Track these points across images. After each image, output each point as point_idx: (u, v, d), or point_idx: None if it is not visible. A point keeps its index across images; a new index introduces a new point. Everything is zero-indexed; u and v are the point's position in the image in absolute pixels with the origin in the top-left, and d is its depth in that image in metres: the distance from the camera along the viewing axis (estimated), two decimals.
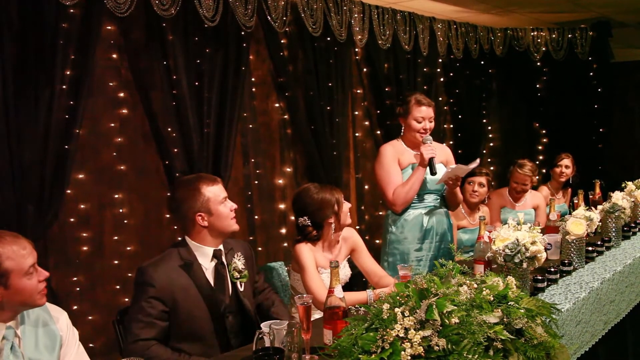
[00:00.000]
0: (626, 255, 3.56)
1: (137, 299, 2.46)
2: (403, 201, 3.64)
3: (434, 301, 1.83)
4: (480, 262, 2.90)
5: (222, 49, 3.97)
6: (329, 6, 4.66)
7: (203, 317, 2.53)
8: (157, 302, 2.44)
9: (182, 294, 2.48)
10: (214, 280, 2.60)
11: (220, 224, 2.59)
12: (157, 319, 2.43)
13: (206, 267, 2.59)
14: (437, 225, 3.76)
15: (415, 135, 3.70)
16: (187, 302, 2.49)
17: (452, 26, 5.99)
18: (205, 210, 2.56)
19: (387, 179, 3.67)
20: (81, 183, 3.49)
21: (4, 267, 1.96)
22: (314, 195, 3.06)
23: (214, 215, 2.57)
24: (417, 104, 3.69)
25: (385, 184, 3.68)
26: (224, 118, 4.00)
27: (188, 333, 2.50)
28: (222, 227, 2.60)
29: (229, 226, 2.63)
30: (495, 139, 7.00)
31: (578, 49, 6.61)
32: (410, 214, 3.72)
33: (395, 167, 3.69)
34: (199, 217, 2.56)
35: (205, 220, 2.56)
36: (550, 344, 2.01)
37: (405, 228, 3.71)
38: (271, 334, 2.08)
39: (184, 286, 2.50)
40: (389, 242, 3.73)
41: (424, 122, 3.68)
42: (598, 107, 6.67)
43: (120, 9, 3.36)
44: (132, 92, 3.71)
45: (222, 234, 2.63)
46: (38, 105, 3.09)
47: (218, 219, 2.58)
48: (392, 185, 3.65)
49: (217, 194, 2.59)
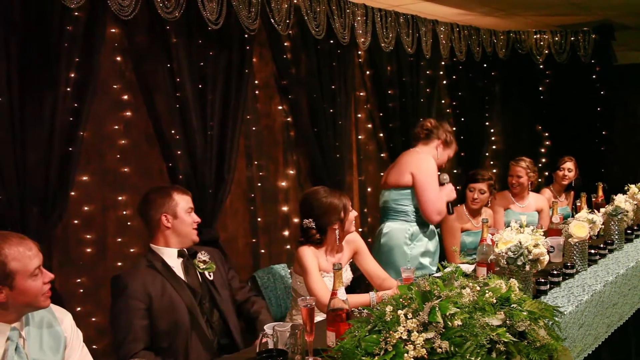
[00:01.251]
0: (629, 258, 3.56)
1: (115, 303, 2.62)
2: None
3: (437, 303, 1.83)
4: (483, 265, 2.91)
5: (225, 51, 3.98)
6: (332, 9, 4.67)
7: (180, 308, 2.64)
8: (135, 301, 2.57)
9: (156, 290, 2.63)
10: (184, 274, 2.76)
11: (182, 228, 2.79)
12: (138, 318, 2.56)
13: (173, 265, 2.76)
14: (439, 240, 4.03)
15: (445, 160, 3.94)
16: (163, 296, 2.63)
17: (454, 29, 5.99)
18: (172, 213, 2.77)
19: (436, 191, 3.76)
20: (85, 185, 3.50)
21: (9, 268, 1.96)
22: (322, 198, 3.06)
23: (178, 219, 2.77)
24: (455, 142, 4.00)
25: (436, 195, 3.76)
26: (227, 120, 4.00)
27: (168, 326, 2.61)
28: (183, 232, 2.79)
29: (190, 233, 2.82)
30: (498, 142, 7.00)
31: (581, 52, 6.61)
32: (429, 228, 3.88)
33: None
34: (164, 217, 2.76)
35: (170, 222, 2.76)
36: (553, 346, 2.01)
37: (423, 242, 3.83)
38: (274, 336, 2.09)
39: (156, 282, 2.65)
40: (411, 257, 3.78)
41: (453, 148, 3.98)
42: (601, 110, 6.66)
43: (125, 11, 3.38)
44: (135, 94, 3.72)
45: (183, 239, 2.80)
46: (42, 108, 3.10)
47: (181, 223, 2.78)
48: (441, 197, 3.77)
49: (186, 202, 2.82)
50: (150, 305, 2.59)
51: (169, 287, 2.65)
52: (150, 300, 2.59)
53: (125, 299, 2.56)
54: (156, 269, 2.68)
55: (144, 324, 2.56)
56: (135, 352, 2.49)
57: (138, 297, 2.57)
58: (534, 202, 4.88)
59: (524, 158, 4.86)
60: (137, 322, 2.54)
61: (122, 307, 2.56)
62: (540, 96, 6.94)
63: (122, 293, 2.58)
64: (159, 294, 2.62)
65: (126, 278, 2.62)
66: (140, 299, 2.57)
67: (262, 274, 3.61)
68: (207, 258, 2.83)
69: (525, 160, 4.81)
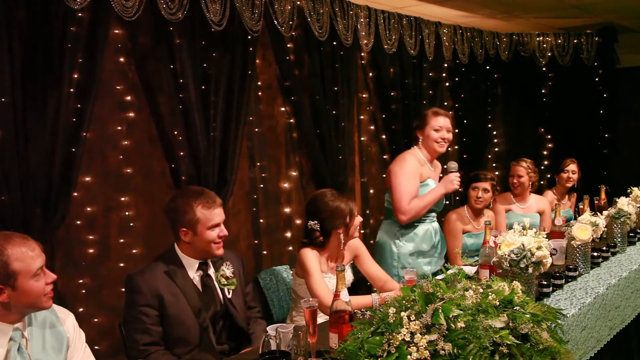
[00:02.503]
0: (632, 261, 3.55)
1: (130, 307, 2.54)
2: (415, 215, 3.68)
3: (440, 305, 1.83)
4: (485, 267, 2.90)
5: (228, 53, 3.98)
6: (335, 11, 4.67)
7: (190, 323, 2.56)
8: (148, 308, 2.51)
9: (170, 300, 2.54)
10: (201, 287, 2.65)
11: (201, 246, 2.61)
12: (152, 324, 2.50)
13: (192, 276, 2.64)
14: (441, 240, 3.89)
15: (433, 146, 3.73)
16: (175, 307, 2.54)
17: (457, 31, 5.99)
18: (191, 229, 2.58)
19: (407, 188, 3.65)
20: (88, 186, 3.51)
21: (11, 268, 1.97)
22: (329, 202, 3.06)
23: (197, 236, 2.59)
24: (434, 114, 3.74)
25: (404, 192, 3.65)
26: (230, 122, 4.00)
27: (177, 338, 2.55)
28: (203, 249, 2.62)
29: (210, 250, 2.63)
30: (500, 144, 6.99)
31: (584, 54, 6.60)
32: (420, 228, 3.77)
33: (416, 179, 3.70)
34: (182, 231, 2.59)
35: (189, 237, 2.59)
36: (556, 349, 2.01)
37: (415, 241, 3.75)
38: (277, 337, 2.09)
39: (171, 292, 2.55)
40: (398, 256, 3.74)
41: (442, 132, 3.71)
42: (603, 113, 6.66)
43: (128, 12, 3.38)
44: (139, 95, 3.73)
45: (202, 253, 2.65)
46: (46, 108, 3.10)
47: (200, 241, 2.60)
48: (409, 195, 3.65)
49: (208, 219, 2.58)
50: (162, 312, 2.53)
51: (183, 300, 2.55)
52: (163, 306, 2.52)
53: (139, 306, 2.51)
54: (173, 279, 2.58)
55: (158, 330, 2.52)
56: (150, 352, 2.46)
57: (151, 304, 2.51)
58: (535, 204, 4.88)
59: (524, 159, 4.88)
60: (151, 327, 2.50)
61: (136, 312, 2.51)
62: (543, 98, 6.94)
63: (136, 299, 2.51)
64: (172, 301, 2.54)
65: (141, 282, 2.53)
66: (153, 306, 2.51)
67: (264, 275, 3.61)
68: (230, 272, 2.70)
69: (526, 161, 4.84)
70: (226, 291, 2.69)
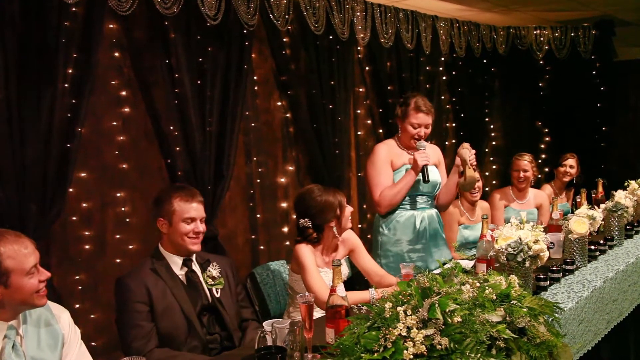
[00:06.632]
0: (629, 254, 3.55)
1: (122, 307, 2.57)
2: (388, 203, 3.64)
3: (436, 300, 1.82)
4: (482, 261, 2.90)
5: (224, 47, 3.96)
6: (332, 4, 4.65)
7: (178, 316, 2.59)
8: (140, 304, 2.54)
9: (157, 295, 2.58)
10: (186, 282, 2.69)
11: (176, 239, 2.68)
12: (145, 320, 2.53)
13: (177, 272, 2.69)
14: (429, 227, 3.73)
15: (410, 140, 3.69)
16: (162, 301, 2.58)
17: (454, 24, 5.98)
18: (167, 219, 2.67)
19: (377, 179, 3.65)
20: (83, 181, 3.49)
21: (4, 266, 1.96)
22: (317, 197, 3.05)
23: (172, 227, 2.67)
24: (415, 109, 3.65)
25: (374, 184, 3.66)
26: (226, 116, 3.99)
27: (166, 332, 2.57)
28: (178, 242, 2.68)
29: (185, 243, 2.68)
30: (498, 138, 6.99)
31: (581, 48, 6.59)
32: (402, 215, 3.70)
33: (386, 168, 3.67)
34: (159, 221, 2.69)
35: (165, 228, 2.68)
36: (553, 342, 2.00)
37: (397, 230, 3.69)
38: (273, 332, 2.08)
39: (158, 287, 2.60)
40: (381, 244, 3.72)
41: (419, 129, 3.66)
42: (601, 106, 6.64)
43: (123, 7, 3.36)
44: (134, 90, 3.71)
45: (178, 247, 2.70)
46: (40, 104, 3.08)
47: (175, 232, 2.67)
48: (380, 186, 3.64)
49: (184, 211, 2.66)
50: (151, 307, 2.56)
51: (169, 294, 2.59)
52: (151, 301, 2.56)
53: (131, 303, 2.53)
54: (159, 275, 2.62)
55: (151, 326, 2.54)
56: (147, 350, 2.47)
57: (141, 300, 2.54)
58: (533, 199, 4.88)
59: (525, 153, 4.88)
60: (145, 324, 2.53)
61: (128, 310, 2.53)
62: (540, 92, 6.93)
63: (127, 297, 2.54)
64: (159, 296, 2.57)
65: (129, 282, 2.57)
66: (144, 302, 2.54)
67: (261, 271, 3.61)
68: (217, 273, 2.74)
69: (528, 155, 4.85)
70: (214, 291, 2.74)
